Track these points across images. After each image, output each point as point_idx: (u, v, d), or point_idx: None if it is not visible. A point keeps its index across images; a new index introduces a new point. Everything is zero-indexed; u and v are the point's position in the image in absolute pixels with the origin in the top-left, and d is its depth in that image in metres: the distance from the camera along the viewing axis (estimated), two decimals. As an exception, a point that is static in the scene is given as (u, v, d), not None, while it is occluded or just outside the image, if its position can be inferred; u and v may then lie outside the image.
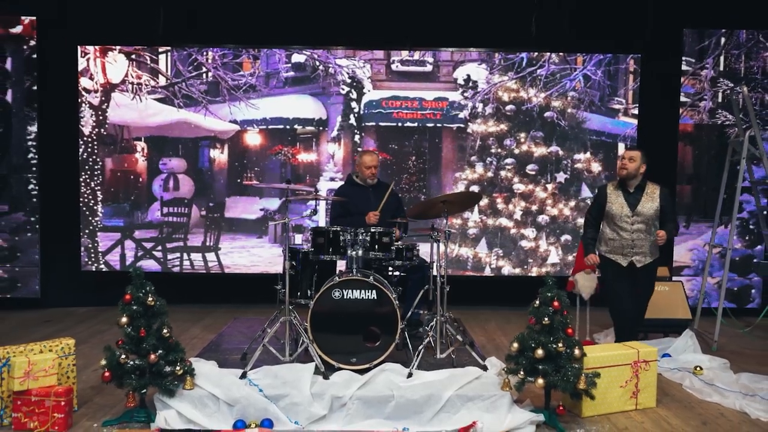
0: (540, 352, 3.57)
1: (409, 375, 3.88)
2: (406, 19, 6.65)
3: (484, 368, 4.01)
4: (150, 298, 3.60)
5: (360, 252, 4.28)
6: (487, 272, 6.85)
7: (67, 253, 6.81)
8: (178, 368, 3.60)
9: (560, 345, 3.61)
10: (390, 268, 4.70)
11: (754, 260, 6.23)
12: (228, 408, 3.62)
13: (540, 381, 3.60)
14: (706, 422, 3.83)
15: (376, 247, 4.32)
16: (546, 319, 3.64)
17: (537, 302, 3.74)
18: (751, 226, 6.63)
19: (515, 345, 3.70)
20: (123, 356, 3.51)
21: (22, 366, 3.50)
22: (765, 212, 6.05)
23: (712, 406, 4.12)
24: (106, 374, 3.50)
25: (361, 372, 3.92)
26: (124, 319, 3.57)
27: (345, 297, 4.06)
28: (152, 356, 3.51)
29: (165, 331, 3.60)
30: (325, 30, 6.69)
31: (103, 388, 4.19)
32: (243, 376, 3.80)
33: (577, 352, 3.65)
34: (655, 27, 6.74)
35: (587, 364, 3.80)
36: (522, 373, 3.66)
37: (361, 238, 4.32)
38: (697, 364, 4.76)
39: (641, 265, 4.48)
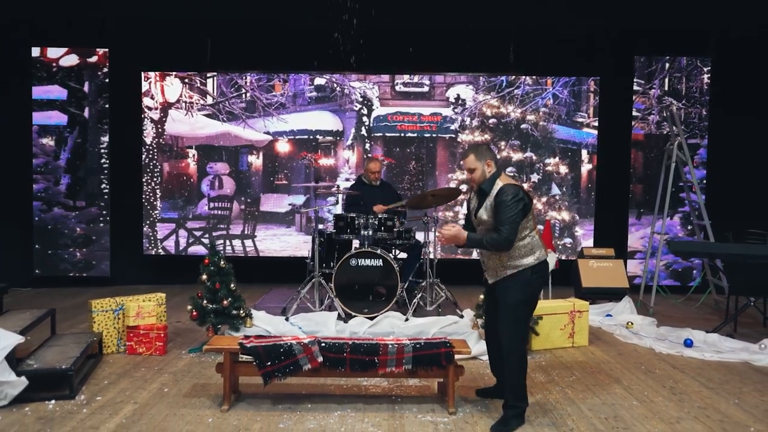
0: (498, 300, 4.96)
1: (406, 320, 5.29)
2: (407, 50, 7.67)
3: (461, 317, 5.41)
4: (222, 262, 4.99)
5: (370, 233, 5.65)
6: (475, 256, 8.03)
7: (131, 240, 7.95)
8: (241, 312, 5.02)
9: (512, 295, 4.98)
10: (393, 247, 6.08)
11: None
12: (277, 340, 5.04)
13: (497, 320, 4.99)
14: (622, 354, 5.21)
15: (382, 228, 5.70)
16: (503, 277, 5.01)
17: (497, 266, 5.10)
18: (692, 218, 7.90)
19: (481, 296, 5.05)
20: (205, 302, 4.94)
21: (134, 308, 4.93)
22: (697, 207, 7.33)
23: (631, 345, 5.48)
24: (194, 314, 4.92)
25: (371, 318, 5.32)
26: (204, 276, 4.96)
27: (359, 264, 5.48)
28: (225, 302, 4.93)
29: (233, 285, 5.01)
30: (341, 58, 7.64)
31: (180, 333, 5.65)
32: (286, 319, 5.24)
33: (525, 300, 5.01)
34: (611, 54, 7.92)
35: (535, 312, 5.17)
36: (485, 316, 5.04)
37: (371, 222, 5.68)
38: (630, 320, 6.13)
39: (492, 281, 3.70)
